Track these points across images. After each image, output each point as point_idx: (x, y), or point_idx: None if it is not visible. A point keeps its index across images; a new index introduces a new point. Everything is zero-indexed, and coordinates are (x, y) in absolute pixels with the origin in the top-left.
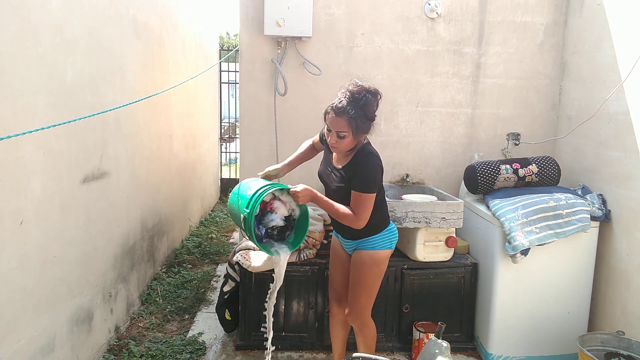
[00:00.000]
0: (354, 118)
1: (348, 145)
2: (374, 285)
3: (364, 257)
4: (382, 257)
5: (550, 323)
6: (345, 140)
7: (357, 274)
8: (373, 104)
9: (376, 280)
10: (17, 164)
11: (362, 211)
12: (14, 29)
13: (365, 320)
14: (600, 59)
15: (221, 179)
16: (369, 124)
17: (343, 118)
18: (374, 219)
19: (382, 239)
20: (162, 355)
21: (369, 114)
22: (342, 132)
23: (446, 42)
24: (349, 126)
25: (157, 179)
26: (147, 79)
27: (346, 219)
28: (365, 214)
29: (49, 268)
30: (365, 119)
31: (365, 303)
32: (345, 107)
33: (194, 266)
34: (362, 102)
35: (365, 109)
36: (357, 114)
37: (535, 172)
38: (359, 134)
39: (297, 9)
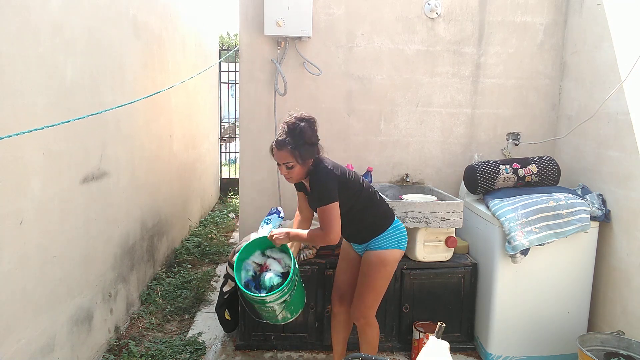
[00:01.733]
0: (294, 148)
1: (300, 173)
2: (380, 285)
3: (371, 257)
4: (390, 258)
5: (550, 323)
6: (294, 170)
7: (364, 273)
8: (309, 130)
9: (382, 280)
10: (17, 164)
11: (328, 224)
12: (14, 29)
13: (369, 320)
14: (600, 59)
15: (221, 179)
16: (312, 148)
17: (285, 150)
18: (369, 219)
19: (387, 238)
20: (162, 355)
21: (308, 140)
22: (289, 163)
23: (446, 42)
24: (292, 156)
25: (156, 179)
26: (146, 79)
27: (319, 239)
28: (332, 225)
29: (49, 268)
30: (306, 145)
31: (371, 303)
32: (284, 140)
33: (194, 266)
34: (297, 132)
35: (302, 137)
36: (297, 143)
37: (535, 172)
38: (304, 160)
39: (297, 9)
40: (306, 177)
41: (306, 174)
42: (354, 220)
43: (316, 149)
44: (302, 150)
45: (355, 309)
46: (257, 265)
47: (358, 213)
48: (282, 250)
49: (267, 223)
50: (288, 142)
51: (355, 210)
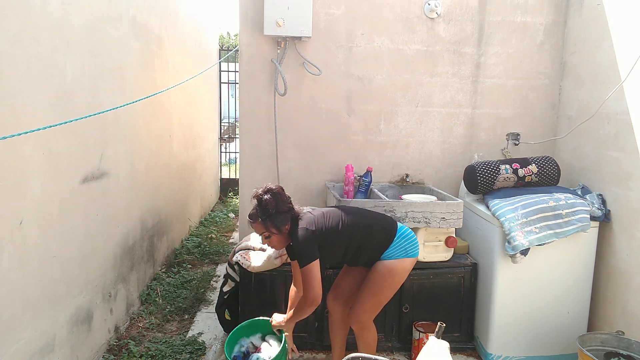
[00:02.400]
0: (264, 220)
1: (280, 240)
2: (384, 295)
3: (379, 266)
4: (399, 268)
5: (550, 323)
6: (272, 238)
7: (371, 279)
8: (273, 201)
9: (388, 291)
10: (17, 164)
11: (308, 284)
12: (14, 29)
13: (365, 324)
14: (599, 59)
15: (221, 179)
16: (282, 216)
17: (257, 223)
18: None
19: (394, 248)
20: (162, 355)
21: (274, 209)
22: (265, 233)
23: (446, 42)
24: (265, 228)
25: (156, 179)
26: (146, 79)
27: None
28: (312, 284)
29: (49, 268)
30: (277, 214)
31: (369, 308)
32: (255, 214)
33: (194, 266)
34: (263, 204)
35: (269, 208)
36: (265, 214)
37: (535, 172)
38: (278, 228)
39: (296, 9)
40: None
41: (288, 240)
42: (358, 254)
43: (289, 215)
44: (273, 220)
45: (353, 313)
46: (254, 346)
47: (358, 247)
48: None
49: None
50: (258, 215)
51: (355, 246)
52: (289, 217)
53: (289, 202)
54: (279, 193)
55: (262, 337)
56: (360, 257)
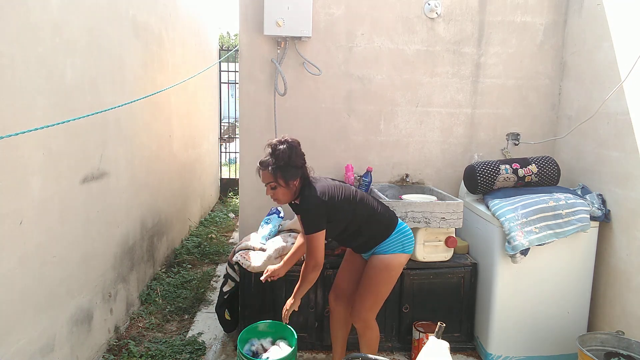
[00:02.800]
0: (275, 169)
1: (285, 194)
2: (382, 290)
3: (375, 260)
4: (394, 263)
5: (550, 323)
6: (278, 191)
7: (368, 276)
8: (290, 153)
9: (386, 286)
10: (17, 164)
11: (312, 252)
12: (14, 29)
13: (368, 323)
14: (599, 59)
15: (221, 179)
16: (294, 170)
17: (267, 171)
18: (371, 231)
19: (392, 243)
20: (162, 355)
21: (291, 162)
22: (271, 183)
23: (446, 42)
24: (274, 177)
25: (156, 179)
26: (146, 79)
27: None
28: (316, 253)
29: (49, 268)
30: (289, 167)
31: (371, 306)
32: (267, 161)
33: (194, 266)
34: (277, 154)
35: (283, 158)
36: (277, 164)
37: (535, 172)
38: (287, 181)
39: (296, 9)
40: (295, 199)
41: (294, 196)
42: (354, 235)
43: (301, 171)
44: (283, 172)
45: (356, 311)
46: (263, 348)
47: (358, 228)
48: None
49: (267, 223)
50: (270, 163)
51: (354, 227)
52: (300, 173)
53: (302, 159)
54: (295, 147)
55: (273, 341)
56: (355, 239)
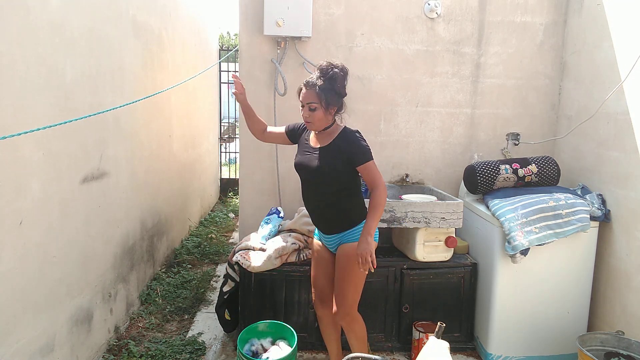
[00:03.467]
0: (322, 90)
1: (321, 120)
2: (359, 278)
3: (348, 250)
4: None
5: (550, 323)
6: (316, 113)
7: (342, 269)
8: (341, 79)
9: (359, 274)
10: (17, 164)
11: (378, 178)
12: (14, 29)
13: (354, 316)
14: (599, 59)
15: (221, 179)
16: (339, 99)
17: (312, 90)
18: (350, 209)
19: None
20: (162, 355)
21: (336, 88)
22: (313, 104)
23: (446, 42)
24: (318, 98)
25: (156, 179)
26: (146, 79)
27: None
28: (382, 179)
29: (49, 268)
30: (334, 92)
31: (353, 298)
32: (315, 81)
33: (194, 266)
34: (329, 75)
35: (332, 82)
36: (325, 86)
37: (535, 172)
38: (329, 106)
39: (296, 9)
40: (325, 129)
41: (326, 124)
42: (341, 202)
43: (342, 102)
44: (328, 95)
45: (340, 308)
46: (263, 348)
47: (348, 194)
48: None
49: (267, 223)
50: (317, 83)
51: (348, 192)
52: (342, 103)
53: (345, 89)
54: (345, 74)
55: (272, 341)
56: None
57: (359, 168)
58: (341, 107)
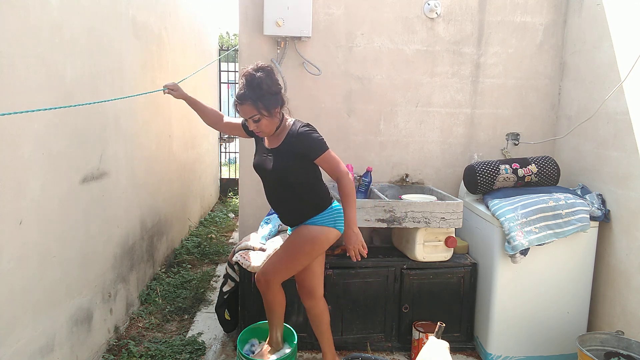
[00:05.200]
0: (256, 100)
1: (269, 125)
2: (299, 260)
3: (303, 229)
4: (322, 236)
5: (549, 323)
6: (262, 122)
7: (290, 241)
8: (268, 79)
9: (304, 256)
10: (16, 164)
11: (339, 166)
12: (14, 29)
13: (271, 284)
14: (599, 59)
15: (221, 179)
16: (275, 97)
17: (247, 104)
18: (313, 201)
19: (325, 216)
20: (162, 355)
21: (269, 89)
22: (255, 116)
23: (445, 42)
24: (256, 109)
25: (156, 179)
26: (146, 79)
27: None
28: (339, 162)
29: (49, 268)
30: (268, 95)
31: (281, 270)
32: (245, 94)
33: (194, 266)
34: (255, 83)
35: (262, 87)
36: (257, 94)
37: (535, 172)
38: (270, 111)
39: (296, 9)
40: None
41: (277, 125)
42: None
43: (280, 97)
44: (265, 101)
45: (263, 270)
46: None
47: (309, 187)
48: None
49: (267, 223)
50: (249, 95)
51: (308, 186)
52: (280, 99)
53: (278, 84)
54: (271, 71)
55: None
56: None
57: (317, 161)
58: (283, 103)
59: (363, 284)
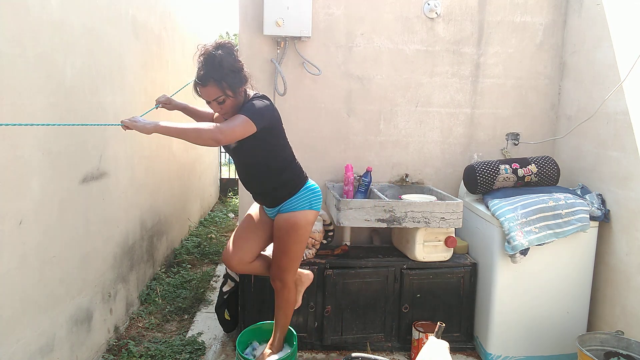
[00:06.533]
0: (219, 80)
1: (234, 106)
2: (294, 250)
3: (282, 220)
4: (302, 221)
5: (549, 323)
6: (227, 104)
7: (277, 237)
8: (230, 56)
9: (296, 245)
10: (16, 164)
11: (228, 127)
12: (13, 29)
13: (285, 282)
14: (599, 59)
15: (220, 179)
16: (239, 75)
17: (210, 85)
18: (282, 180)
19: (300, 199)
20: (162, 355)
21: (231, 67)
22: (219, 97)
23: (445, 42)
24: (220, 89)
25: (156, 179)
26: (146, 79)
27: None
28: (230, 132)
29: (48, 268)
30: (232, 72)
31: (286, 266)
32: (207, 74)
33: (194, 266)
34: (217, 62)
35: (225, 64)
36: (221, 74)
37: (535, 172)
38: (234, 90)
39: (296, 9)
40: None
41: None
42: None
43: (244, 75)
44: (229, 80)
45: (272, 273)
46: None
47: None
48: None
49: None
50: (211, 75)
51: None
52: (244, 77)
53: (240, 61)
54: (232, 48)
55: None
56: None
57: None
58: (246, 80)
59: (363, 284)
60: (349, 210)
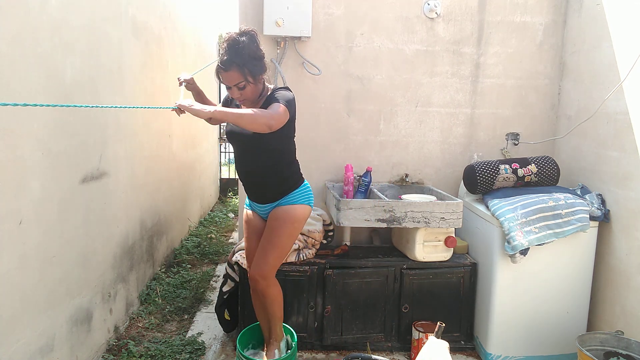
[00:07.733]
0: (242, 65)
1: (254, 93)
2: (286, 244)
3: (280, 212)
4: (299, 215)
5: (549, 323)
6: (247, 90)
7: (271, 228)
8: (253, 44)
9: (289, 239)
10: (16, 164)
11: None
12: (13, 29)
13: (269, 281)
14: (599, 59)
15: (220, 179)
16: (259, 62)
17: (233, 70)
18: (286, 173)
19: (301, 194)
20: (162, 355)
21: (254, 54)
22: (240, 83)
23: (445, 42)
24: (242, 75)
25: (156, 179)
26: (146, 79)
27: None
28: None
29: (48, 268)
30: (253, 60)
31: (274, 262)
32: (230, 59)
33: (193, 266)
34: (240, 47)
35: (247, 51)
36: (243, 59)
37: (535, 172)
38: (255, 77)
39: (296, 9)
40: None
41: (259, 95)
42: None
43: (264, 64)
44: (250, 67)
45: (257, 269)
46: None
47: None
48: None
49: None
50: (234, 61)
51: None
52: (264, 65)
53: (261, 49)
54: (255, 35)
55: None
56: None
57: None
58: (266, 69)
59: (363, 284)
60: (349, 210)
